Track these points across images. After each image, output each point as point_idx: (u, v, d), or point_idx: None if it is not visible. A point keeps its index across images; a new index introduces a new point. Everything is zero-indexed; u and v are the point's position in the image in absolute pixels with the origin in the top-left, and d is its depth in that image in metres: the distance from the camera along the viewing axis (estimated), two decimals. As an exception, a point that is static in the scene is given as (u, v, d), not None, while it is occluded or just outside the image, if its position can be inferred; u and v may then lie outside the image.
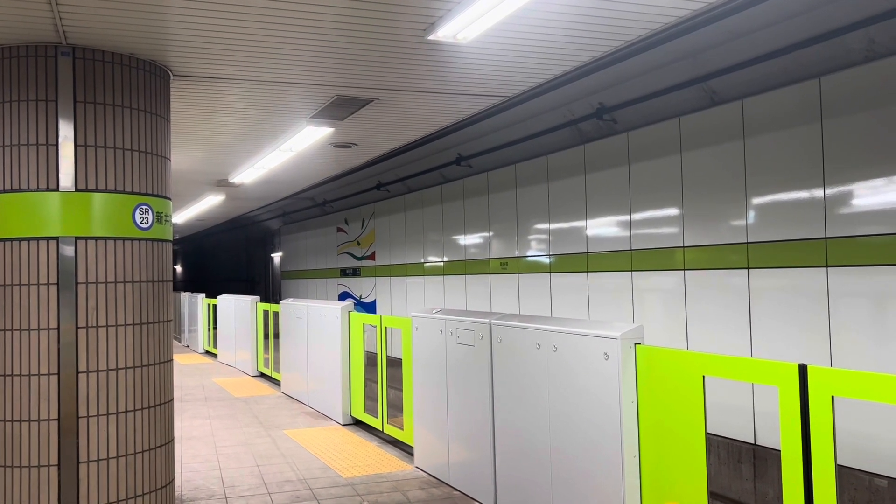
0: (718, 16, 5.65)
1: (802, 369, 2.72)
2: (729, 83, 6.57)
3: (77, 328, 3.99)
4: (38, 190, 3.96)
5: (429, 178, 12.20)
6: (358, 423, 7.42)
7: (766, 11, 5.65)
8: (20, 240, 3.95)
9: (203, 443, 6.68)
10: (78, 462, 3.97)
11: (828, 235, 5.83)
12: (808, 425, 2.70)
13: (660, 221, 7.50)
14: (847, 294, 5.71)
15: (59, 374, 3.95)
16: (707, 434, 3.24)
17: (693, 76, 6.71)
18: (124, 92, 4.20)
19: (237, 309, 12.23)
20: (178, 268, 38.06)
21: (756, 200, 6.45)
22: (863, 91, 5.60)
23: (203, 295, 15.34)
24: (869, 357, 5.53)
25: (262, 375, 11.31)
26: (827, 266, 5.83)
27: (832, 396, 2.63)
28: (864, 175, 5.59)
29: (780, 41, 5.89)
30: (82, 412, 3.99)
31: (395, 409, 6.85)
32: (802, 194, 6.04)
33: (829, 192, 5.84)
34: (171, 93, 4.97)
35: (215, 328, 14.04)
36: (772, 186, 6.30)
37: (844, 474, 5.55)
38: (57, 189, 3.97)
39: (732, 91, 6.62)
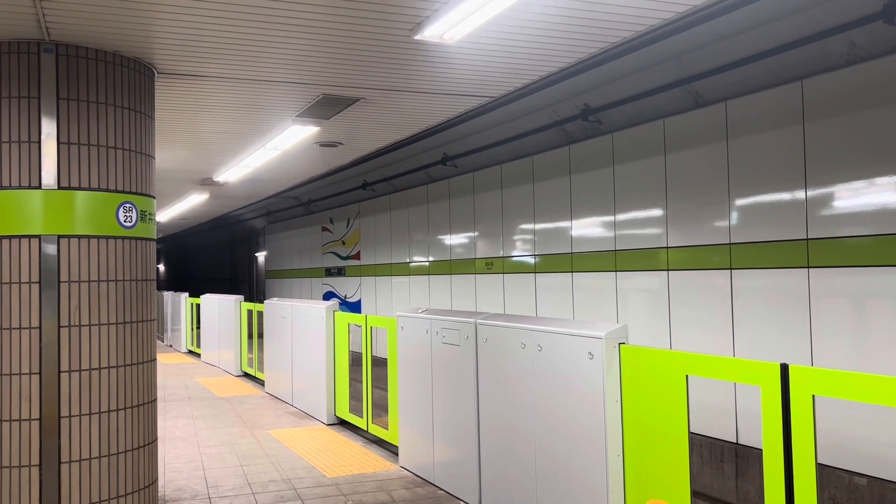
0: (703, 18, 5.70)
1: (784, 369, 2.75)
2: (713, 85, 6.62)
3: (59, 327, 3.95)
4: (19, 187, 3.92)
5: (414, 178, 12.20)
6: (343, 423, 7.41)
7: (749, 15, 5.71)
8: (1, 238, 3.90)
9: (186, 443, 6.64)
10: (59, 462, 3.93)
11: (809, 237, 5.89)
12: (789, 424, 2.73)
13: (644, 222, 7.55)
14: (828, 294, 5.77)
15: (40, 373, 3.92)
16: (690, 433, 3.27)
17: (677, 78, 6.76)
18: (108, 89, 4.16)
19: (221, 308, 12.16)
20: (162, 267, 37.79)
21: (739, 202, 6.51)
22: (844, 94, 5.67)
23: (186, 294, 15.24)
24: (849, 357, 5.59)
25: (246, 375, 11.25)
26: (808, 267, 5.90)
27: (813, 396, 2.67)
28: (844, 177, 5.66)
29: (764, 44, 5.94)
30: (64, 412, 3.95)
31: (380, 408, 6.84)
32: (784, 196, 6.11)
33: (810, 193, 5.90)
34: (156, 90, 4.93)
35: (199, 328, 13.95)
36: (754, 188, 6.36)
37: (825, 473, 5.61)
38: (39, 187, 3.94)
39: (716, 93, 6.67)
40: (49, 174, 3.95)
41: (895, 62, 5.32)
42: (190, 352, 14.98)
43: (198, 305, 14.08)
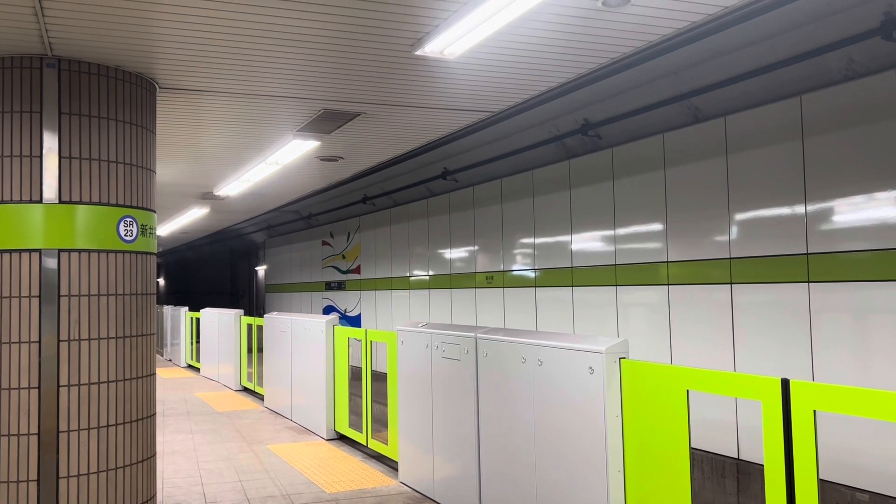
0: (702, 34, 5.74)
1: (785, 384, 2.74)
2: (712, 100, 6.65)
3: (59, 341, 3.95)
4: (21, 202, 3.93)
5: (415, 192, 12.23)
6: (342, 438, 7.38)
7: (748, 30, 5.74)
8: (2, 252, 3.91)
9: (185, 458, 6.61)
10: (58, 477, 3.91)
11: (809, 251, 5.90)
12: (790, 439, 2.72)
13: (644, 236, 7.56)
14: (828, 309, 5.77)
15: (39, 387, 3.91)
16: (691, 448, 3.26)
17: (677, 93, 6.79)
18: (110, 104, 4.18)
19: (221, 322, 12.14)
20: (161, 281, 37.75)
21: (739, 216, 6.52)
22: (842, 109, 5.69)
23: (186, 308, 15.23)
24: (850, 371, 5.58)
25: (246, 390, 11.22)
26: (808, 282, 5.89)
27: (814, 411, 2.66)
28: (844, 192, 5.67)
29: (763, 60, 5.98)
30: (63, 426, 3.94)
31: (380, 423, 6.81)
32: (784, 210, 6.12)
33: (810, 208, 5.91)
34: (157, 105, 4.95)
35: (198, 342, 13.93)
36: (754, 203, 6.38)
37: (827, 489, 5.58)
38: (40, 201, 3.95)
39: (715, 108, 6.70)
40: (50, 188, 3.96)
41: (893, 78, 5.35)
42: (189, 366, 14.94)
43: (197, 319, 14.07)
